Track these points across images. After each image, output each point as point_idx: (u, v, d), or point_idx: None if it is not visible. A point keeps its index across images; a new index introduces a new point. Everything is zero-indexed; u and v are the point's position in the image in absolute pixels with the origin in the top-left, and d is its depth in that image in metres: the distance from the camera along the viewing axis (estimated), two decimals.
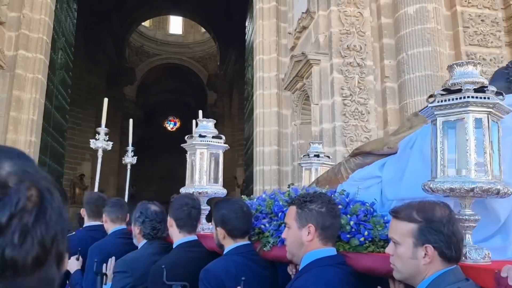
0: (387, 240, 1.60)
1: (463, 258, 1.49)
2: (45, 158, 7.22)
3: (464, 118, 1.55)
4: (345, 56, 5.74)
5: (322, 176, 3.17)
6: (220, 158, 2.88)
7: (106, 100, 4.51)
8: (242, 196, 2.70)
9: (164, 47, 22.35)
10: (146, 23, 21.43)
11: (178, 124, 25.44)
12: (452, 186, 1.53)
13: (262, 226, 2.05)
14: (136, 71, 20.77)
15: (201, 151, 2.78)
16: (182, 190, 2.82)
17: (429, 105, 1.61)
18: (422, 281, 1.36)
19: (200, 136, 2.77)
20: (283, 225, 1.87)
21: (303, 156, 3.91)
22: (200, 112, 3.90)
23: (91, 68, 15.91)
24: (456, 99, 1.54)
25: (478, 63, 1.66)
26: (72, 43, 8.99)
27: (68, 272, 3.10)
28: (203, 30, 21.16)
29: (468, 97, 1.51)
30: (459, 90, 1.56)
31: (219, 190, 2.84)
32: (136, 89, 21.46)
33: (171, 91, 23.55)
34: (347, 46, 5.75)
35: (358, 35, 5.83)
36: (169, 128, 25.33)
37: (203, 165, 2.77)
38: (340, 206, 1.85)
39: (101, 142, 4.13)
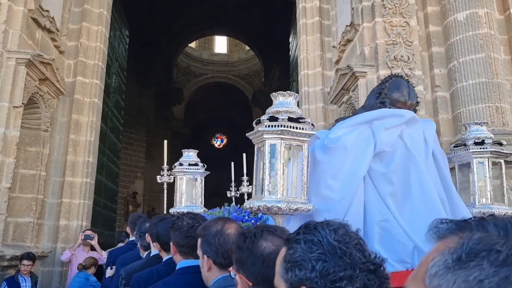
0: None
1: None
2: (101, 178, 7.58)
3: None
4: (392, 67, 5.61)
5: None
6: (198, 182, 3.37)
7: (165, 142, 5.19)
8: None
9: (209, 66, 22.96)
10: (192, 44, 22.16)
11: (225, 141, 25.85)
12: (250, 205, 1.76)
13: None
14: (184, 91, 21.43)
15: (180, 177, 3.31)
16: (170, 211, 3.37)
17: (247, 134, 1.85)
18: None
19: (180, 164, 3.30)
20: None
21: None
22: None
23: (141, 90, 16.62)
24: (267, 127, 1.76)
25: (289, 93, 1.82)
26: (124, 67, 9.48)
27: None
28: (247, 48, 21.55)
29: (265, 126, 1.72)
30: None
31: (196, 209, 3.27)
32: (184, 108, 22.12)
33: (218, 108, 24.05)
34: (394, 56, 5.62)
35: (405, 45, 5.68)
36: (216, 145, 25.79)
37: (182, 189, 3.29)
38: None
39: (165, 177, 5.03)
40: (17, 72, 5.44)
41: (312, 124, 1.79)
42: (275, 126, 1.70)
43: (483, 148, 2.35)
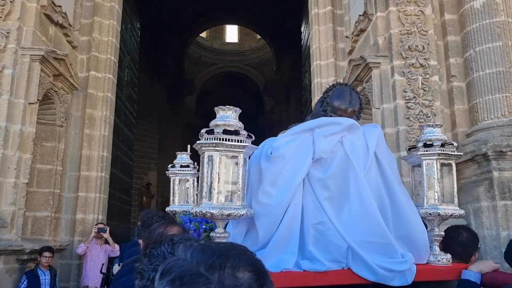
0: None
1: None
2: (116, 171, 7.67)
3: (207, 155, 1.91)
4: (407, 57, 5.51)
5: None
6: (190, 183, 3.54)
7: (189, 146, 5.20)
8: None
9: (221, 56, 22.87)
10: (203, 34, 22.07)
11: None
12: (191, 211, 1.93)
13: None
14: (195, 81, 21.43)
15: (173, 178, 3.46)
16: (166, 209, 3.51)
17: (193, 146, 2.00)
18: None
19: (173, 166, 3.48)
20: None
21: None
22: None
23: (153, 81, 16.66)
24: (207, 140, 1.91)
25: (229, 108, 1.97)
26: (136, 60, 9.50)
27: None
28: (258, 37, 21.40)
29: (204, 139, 1.88)
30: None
31: (188, 209, 3.37)
32: (196, 99, 22.14)
33: (229, 98, 23.98)
34: (409, 46, 5.52)
35: (420, 34, 5.57)
36: None
37: (175, 189, 3.48)
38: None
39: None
40: (31, 68, 5.49)
41: (249, 136, 1.94)
42: (211, 139, 1.87)
43: (432, 150, 2.41)
